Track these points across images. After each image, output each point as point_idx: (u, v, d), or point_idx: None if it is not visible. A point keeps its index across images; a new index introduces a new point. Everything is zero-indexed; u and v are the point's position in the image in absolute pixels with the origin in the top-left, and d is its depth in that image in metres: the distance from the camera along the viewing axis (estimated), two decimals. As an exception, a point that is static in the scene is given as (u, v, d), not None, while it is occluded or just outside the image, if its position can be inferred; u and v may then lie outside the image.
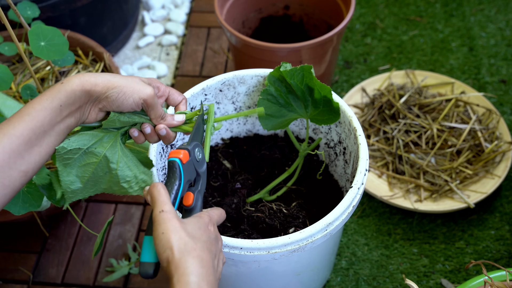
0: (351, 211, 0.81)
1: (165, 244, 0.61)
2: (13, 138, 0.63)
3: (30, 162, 0.65)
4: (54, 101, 0.65)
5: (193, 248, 0.61)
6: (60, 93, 0.66)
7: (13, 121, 0.64)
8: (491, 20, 1.64)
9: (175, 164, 0.70)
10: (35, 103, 0.65)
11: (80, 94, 0.67)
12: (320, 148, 1.06)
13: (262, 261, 0.79)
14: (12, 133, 0.63)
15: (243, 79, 0.98)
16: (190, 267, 0.59)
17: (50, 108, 0.65)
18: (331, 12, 1.39)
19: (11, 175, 0.63)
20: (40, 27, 0.95)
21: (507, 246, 1.18)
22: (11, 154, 0.62)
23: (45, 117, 0.65)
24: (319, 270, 1.01)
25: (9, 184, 0.63)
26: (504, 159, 1.25)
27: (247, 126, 1.09)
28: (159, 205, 0.64)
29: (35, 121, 0.64)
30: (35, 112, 0.64)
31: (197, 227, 0.66)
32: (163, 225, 0.62)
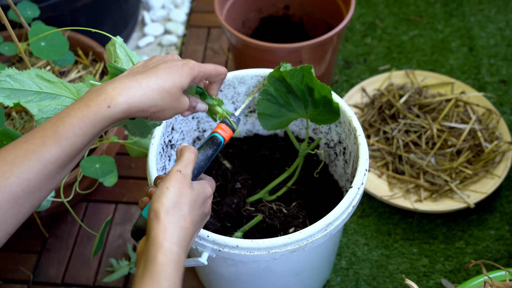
0: (351, 211, 0.81)
1: (161, 199, 0.61)
2: (48, 163, 0.59)
3: (60, 180, 0.63)
4: (96, 126, 0.60)
5: (184, 218, 0.62)
6: (105, 119, 0.61)
7: (48, 144, 0.59)
8: (491, 20, 1.64)
9: (217, 141, 0.72)
10: (75, 126, 0.59)
11: (119, 117, 0.62)
12: (320, 148, 1.06)
13: (262, 261, 0.79)
14: (47, 158, 0.58)
15: (243, 79, 0.98)
16: (175, 236, 0.60)
17: (90, 134, 0.61)
18: (331, 12, 1.39)
19: (40, 196, 0.61)
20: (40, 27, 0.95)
21: (507, 246, 1.18)
22: (43, 178, 0.59)
23: (83, 141, 0.61)
24: (319, 270, 1.01)
25: (37, 203, 0.61)
26: (504, 159, 1.25)
27: (247, 126, 1.09)
28: (180, 166, 0.66)
29: (73, 146, 0.60)
30: (74, 138, 0.60)
31: (200, 198, 0.67)
32: (172, 182, 0.63)
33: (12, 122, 1.21)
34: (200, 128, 1.04)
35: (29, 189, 0.58)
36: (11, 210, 0.57)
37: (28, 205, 0.59)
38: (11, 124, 1.20)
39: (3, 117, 0.92)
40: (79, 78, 1.29)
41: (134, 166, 1.36)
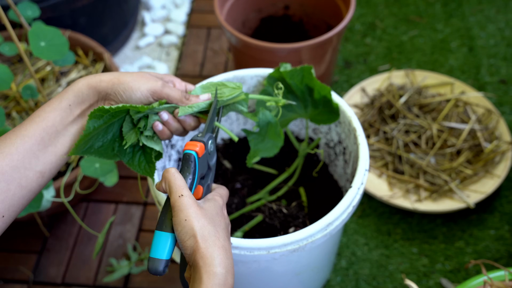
0: (351, 211, 0.81)
1: (188, 232, 0.60)
2: (26, 138, 0.64)
3: (46, 162, 0.65)
4: (62, 101, 0.67)
5: (217, 238, 0.61)
6: (67, 93, 0.68)
7: (24, 124, 0.65)
8: (490, 20, 1.65)
9: (191, 157, 0.68)
10: (45, 105, 0.67)
11: (88, 92, 0.68)
12: (320, 148, 1.06)
13: (262, 261, 0.79)
14: (24, 134, 0.64)
15: (243, 79, 0.98)
16: (217, 258, 0.59)
17: (60, 108, 0.67)
18: (331, 13, 1.39)
19: (27, 175, 0.64)
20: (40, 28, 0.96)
21: (506, 246, 1.19)
22: (25, 154, 0.63)
23: (55, 117, 0.66)
24: (319, 270, 1.01)
25: (26, 185, 0.64)
26: (503, 159, 1.25)
27: (247, 126, 1.10)
28: (177, 190, 0.63)
29: (46, 121, 0.65)
30: (45, 114, 0.66)
31: (215, 212, 0.65)
32: (185, 211, 0.61)
33: (12, 122, 1.21)
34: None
35: (13, 163, 0.62)
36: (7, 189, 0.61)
37: (15, 183, 0.62)
38: (11, 124, 1.20)
39: (3, 117, 0.93)
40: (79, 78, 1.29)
41: (134, 166, 1.37)
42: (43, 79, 1.28)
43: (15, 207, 0.63)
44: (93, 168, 0.95)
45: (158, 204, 0.83)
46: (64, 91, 0.68)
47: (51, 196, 0.99)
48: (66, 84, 1.28)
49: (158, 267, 0.62)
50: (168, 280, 1.16)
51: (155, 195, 0.83)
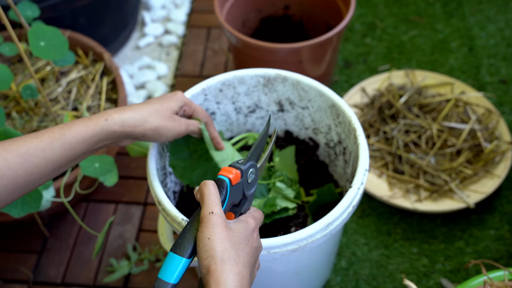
0: (351, 211, 0.81)
1: (208, 251, 0.59)
2: (49, 163, 0.66)
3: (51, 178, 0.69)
4: (94, 136, 0.70)
5: (235, 263, 0.60)
6: (102, 130, 0.71)
7: (55, 146, 0.67)
8: (490, 20, 1.65)
9: (223, 183, 0.66)
10: (79, 133, 0.69)
11: (119, 134, 0.73)
12: (320, 148, 1.06)
13: (262, 261, 0.79)
14: (50, 158, 0.66)
15: (243, 79, 0.98)
16: (230, 285, 0.58)
17: (89, 142, 0.70)
18: (331, 12, 1.39)
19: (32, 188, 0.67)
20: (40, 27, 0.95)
21: (506, 246, 1.19)
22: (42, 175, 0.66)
23: (82, 149, 0.70)
24: (319, 270, 1.01)
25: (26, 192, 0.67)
26: (503, 159, 1.25)
27: (247, 126, 1.10)
28: (209, 206, 0.62)
29: (73, 152, 0.69)
30: (76, 144, 0.69)
31: (244, 235, 0.64)
32: (211, 230, 0.60)
33: (12, 122, 1.21)
34: None
35: (28, 182, 0.65)
36: (8, 197, 0.63)
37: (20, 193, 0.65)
38: (11, 124, 1.20)
39: (3, 117, 0.92)
40: (79, 78, 1.29)
41: (134, 166, 1.37)
42: (43, 79, 1.28)
43: None
44: (92, 168, 0.95)
45: (158, 204, 0.83)
46: (100, 126, 0.71)
47: (51, 196, 0.99)
48: (66, 84, 1.28)
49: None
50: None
51: (155, 195, 0.83)
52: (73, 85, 1.28)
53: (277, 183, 0.93)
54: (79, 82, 1.29)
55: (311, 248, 0.79)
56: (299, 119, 1.05)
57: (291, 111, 1.04)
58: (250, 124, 1.09)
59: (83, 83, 1.29)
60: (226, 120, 1.06)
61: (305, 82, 0.96)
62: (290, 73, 0.97)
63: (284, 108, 1.04)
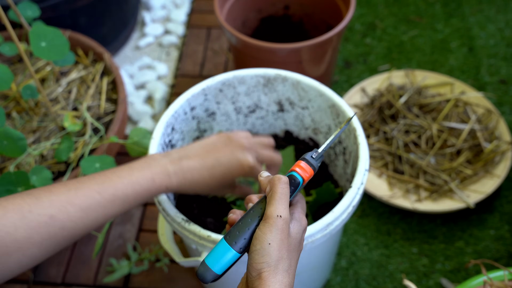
0: (351, 211, 0.81)
1: (265, 257, 0.56)
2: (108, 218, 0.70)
3: None
4: (142, 199, 0.72)
5: (288, 274, 0.57)
6: (149, 193, 0.72)
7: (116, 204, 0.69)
8: (490, 20, 1.65)
9: (296, 182, 0.62)
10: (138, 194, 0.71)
11: (166, 191, 0.75)
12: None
13: (262, 261, 0.79)
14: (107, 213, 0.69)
15: (243, 79, 0.98)
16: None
17: (135, 202, 0.72)
18: (331, 13, 1.39)
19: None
20: (41, 28, 0.96)
21: (506, 246, 1.19)
22: (97, 226, 0.69)
23: (134, 207, 0.73)
24: (319, 270, 1.01)
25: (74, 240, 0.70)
26: (503, 159, 1.25)
27: (247, 126, 1.10)
28: (278, 207, 0.58)
29: (127, 209, 0.71)
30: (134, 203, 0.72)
31: (298, 240, 0.61)
32: (274, 235, 0.57)
33: (12, 122, 1.21)
34: (201, 128, 1.04)
35: (85, 232, 0.68)
36: (64, 244, 0.66)
37: (73, 241, 0.69)
38: (12, 124, 1.20)
39: (3, 117, 0.93)
40: (80, 78, 1.30)
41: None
42: (43, 79, 1.28)
43: None
44: (93, 168, 0.95)
45: (158, 204, 0.83)
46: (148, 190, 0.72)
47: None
48: (66, 84, 1.28)
49: (207, 277, 0.58)
50: (168, 280, 1.16)
51: None
52: (73, 85, 1.28)
53: None
54: (79, 82, 1.29)
55: (311, 248, 0.79)
56: (299, 119, 1.05)
57: (291, 111, 1.04)
58: (250, 124, 1.09)
59: (83, 83, 1.29)
60: (226, 120, 1.07)
61: (305, 82, 0.96)
62: (290, 73, 0.97)
63: (284, 108, 1.04)
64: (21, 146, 0.91)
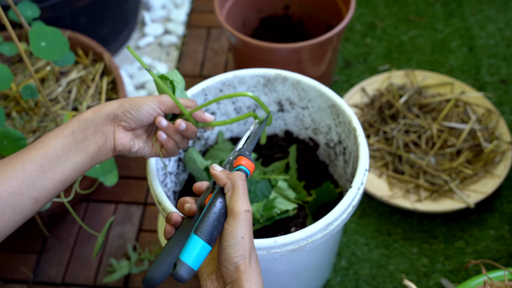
0: (351, 211, 0.81)
1: (240, 250, 0.59)
2: (26, 164, 0.64)
3: (43, 189, 0.65)
4: (65, 128, 0.68)
5: (257, 262, 0.61)
6: (72, 121, 0.68)
7: (27, 149, 0.65)
8: (491, 20, 1.65)
9: (244, 175, 0.66)
10: (49, 133, 0.68)
11: (93, 117, 0.69)
12: (320, 148, 1.06)
13: (262, 261, 0.79)
14: (26, 159, 0.64)
15: (243, 79, 0.98)
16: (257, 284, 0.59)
17: (62, 135, 0.67)
18: (331, 12, 1.39)
19: (22, 201, 0.63)
20: (41, 28, 0.96)
21: (506, 246, 1.19)
22: (23, 180, 0.63)
23: (57, 143, 0.66)
24: (318, 270, 1.01)
25: (20, 211, 0.63)
26: (503, 159, 1.25)
27: (247, 126, 1.10)
28: (244, 202, 0.61)
29: (47, 147, 0.65)
30: (47, 140, 0.66)
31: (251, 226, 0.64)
32: (245, 229, 0.60)
33: (12, 122, 1.21)
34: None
35: (10, 189, 0.62)
36: None
37: (10, 209, 0.62)
38: (12, 124, 1.20)
39: (3, 117, 0.93)
40: (79, 78, 1.30)
41: (134, 166, 1.37)
42: (43, 79, 1.28)
43: (5, 232, 0.63)
44: (93, 168, 0.95)
45: (158, 204, 0.83)
46: (70, 120, 0.69)
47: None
48: (66, 84, 1.28)
49: (185, 274, 0.58)
50: (168, 280, 1.16)
51: (155, 195, 0.83)
52: (73, 85, 1.28)
53: (279, 182, 0.93)
54: (79, 82, 1.29)
55: (311, 248, 0.79)
56: (299, 119, 1.05)
57: (291, 111, 1.04)
58: (250, 124, 1.09)
59: (83, 83, 1.29)
60: (224, 114, 1.07)
61: (305, 82, 0.96)
62: (290, 73, 0.97)
63: (284, 108, 1.04)
64: (21, 146, 0.91)
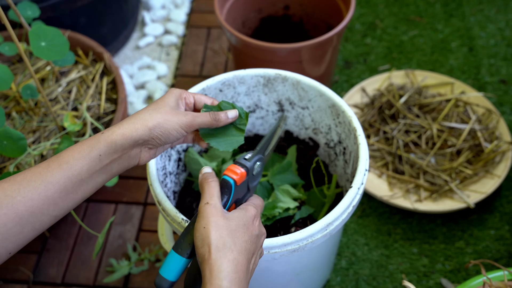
0: (351, 211, 0.81)
1: (204, 240, 0.61)
2: (50, 185, 0.63)
3: (63, 208, 0.65)
4: (93, 151, 0.65)
5: (230, 250, 0.61)
6: (100, 143, 0.66)
7: (50, 167, 0.64)
8: (491, 20, 1.64)
9: (227, 184, 0.68)
10: (75, 151, 0.65)
11: (122, 143, 0.67)
12: (320, 148, 1.06)
13: (262, 261, 0.79)
14: (49, 180, 0.63)
15: (243, 79, 0.98)
16: (224, 271, 0.59)
17: (89, 158, 0.65)
18: (331, 12, 1.39)
19: (42, 220, 0.63)
20: (41, 28, 0.95)
21: (507, 246, 1.19)
22: (45, 201, 0.63)
23: (83, 166, 0.65)
24: (318, 270, 1.01)
25: (39, 228, 0.63)
26: (504, 159, 1.25)
27: (247, 126, 1.10)
28: (205, 197, 0.65)
29: (73, 170, 0.64)
30: (73, 161, 0.64)
31: (242, 223, 0.65)
32: (206, 219, 0.63)
33: (12, 122, 1.21)
34: None
35: (32, 209, 0.61)
36: (14, 228, 0.60)
37: (29, 227, 0.62)
38: (11, 124, 1.20)
39: (3, 117, 0.92)
40: (79, 78, 1.29)
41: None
42: (43, 79, 1.28)
43: (21, 246, 0.63)
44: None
45: (158, 204, 0.82)
46: (96, 139, 0.66)
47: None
48: (66, 84, 1.28)
49: (163, 285, 0.64)
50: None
51: (155, 195, 0.83)
52: (73, 85, 1.28)
53: None
54: (79, 82, 1.29)
55: (311, 248, 0.79)
56: (299, 119, 1.05)
57: (291, 111, 1.04)
58: (250, 124, 1.09)
59: (83, 83, 1.29)
60: None
61: (305, 82, 0.96)
62: (290, 73, 0.97)
63: (284, 108, 1.04)
64: (21, 146, 0.90)
